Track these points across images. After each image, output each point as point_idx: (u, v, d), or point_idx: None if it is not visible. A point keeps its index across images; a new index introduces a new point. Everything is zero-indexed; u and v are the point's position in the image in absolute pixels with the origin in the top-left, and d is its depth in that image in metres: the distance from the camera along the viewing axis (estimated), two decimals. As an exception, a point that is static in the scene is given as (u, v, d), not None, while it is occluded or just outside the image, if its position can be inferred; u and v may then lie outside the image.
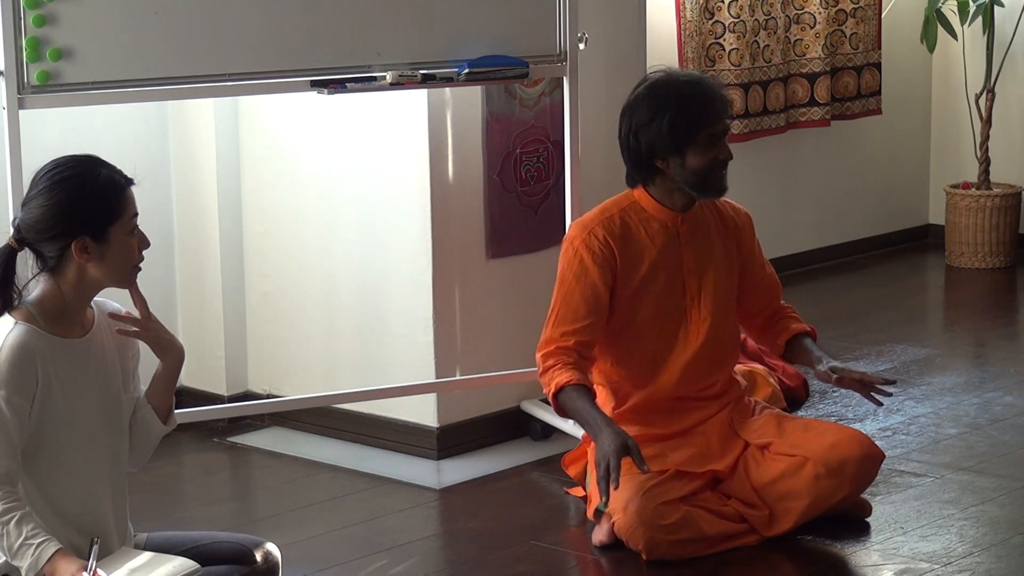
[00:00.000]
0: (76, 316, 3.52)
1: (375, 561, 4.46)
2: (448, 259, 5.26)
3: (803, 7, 7.58)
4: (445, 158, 5.23)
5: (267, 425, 5.61)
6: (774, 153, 7.68)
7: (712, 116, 4.46)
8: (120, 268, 3.49)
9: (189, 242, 5.67)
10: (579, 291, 4.51)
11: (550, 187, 5.45)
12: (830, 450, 4.48)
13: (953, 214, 7.93)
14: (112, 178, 3.49)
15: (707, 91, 4.50)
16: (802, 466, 4.47)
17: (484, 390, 5.36)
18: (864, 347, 6.47)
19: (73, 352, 3.50)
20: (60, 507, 3.49)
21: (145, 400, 3.67)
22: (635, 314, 4.57)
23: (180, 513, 4.91)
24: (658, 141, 4.46)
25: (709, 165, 4.47)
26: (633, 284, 4.55)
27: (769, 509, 4.48)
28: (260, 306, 5.65)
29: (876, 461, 4.57)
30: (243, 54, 4.67)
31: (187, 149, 5.63)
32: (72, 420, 3.49)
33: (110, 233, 3.46)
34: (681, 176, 4.49)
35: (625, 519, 4.37)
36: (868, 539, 4.53)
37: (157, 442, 3.70)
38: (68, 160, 3.52)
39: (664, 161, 4.49)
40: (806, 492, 4.46)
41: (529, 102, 5.38)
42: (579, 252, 4.52)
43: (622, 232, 4.55)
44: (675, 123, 4.43)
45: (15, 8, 4.35)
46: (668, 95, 4.48)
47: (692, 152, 4.46)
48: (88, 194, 3.45)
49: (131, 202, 3.51)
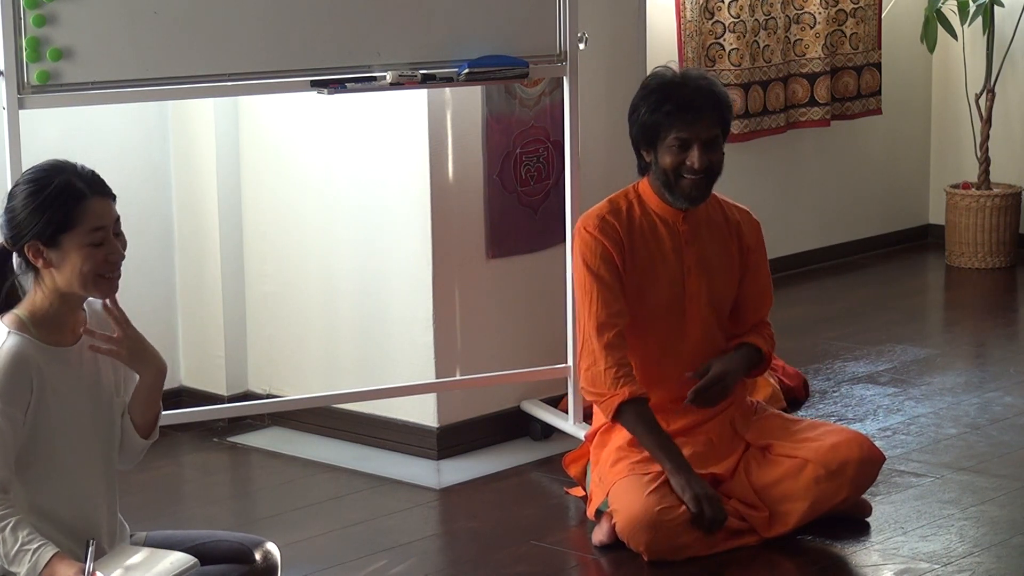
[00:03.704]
0: (66, 323, 3.50)
1: (375, 561, 4.46)
2: (448, 259, 5.26)
3: (803, 7, 7.58)
4: (445, 158, 5.23)
5: (267, 425, 5.61)
6: (774, 153, 7.68)
7: (682, 121, 4.44)
8: (77, 276, 3.43)
9: (189, 242, 5.67)
10: (610, 273, 4.52)
11: (550, 187, 5.45)
12: (830, 452, 4.48)
13: (953, 214, 7.93)
14: (68, 187, 3.42)
15: (689, 95, 4.46)
16: (802, 468, 4.47)
17: (484, 390, 5.36)
18: (864, 347, 6.47)
19: (65, 360, 3.48)
20: (53, 512, 3.47)
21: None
22: (638, 310, 4.57)
23: (180, 513, 4.91)
24: (638, 132, 4.53)
25: (676, 169, 4.48)
26: (636, 274, 4.56)
27: (769, 510, 4.48)
28: (260, 306, 5.65)
29: (876, 463, 4.57)
30: (243, 54, 4.67)
31: (187, 149, 5.63)
32: (65, 427, 3.48)
33: (63, 240, 3.41)
34: (656, 172, 4.53)
35: (627, 520, 4.36)
36: (868, 539, 4.53)
37: (143, 452, 3.67)
38: (39, 166, 3.49)
39: (647, 153, 4.54)
40: (806, 494, 4.46)
41: (529, 102, 5.38)
42: (598, 238, 4.53)
43: (628, 223, 4.57)
44: (649, 116, 4.48)
45: (15, 8, 4.35)
46: (653, 88, 4.52)
47: (661, 150, 4.49)
48: (38, 200, 3.40)
49: (93, 213, 3.43)
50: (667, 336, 4.60)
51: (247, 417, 5.58)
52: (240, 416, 5.54)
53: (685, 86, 4.49)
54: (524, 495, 4.98)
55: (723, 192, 4.72)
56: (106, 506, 3.57)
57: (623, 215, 4.58)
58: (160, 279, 5.65)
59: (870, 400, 5.80)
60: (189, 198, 5.65)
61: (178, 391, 5.73)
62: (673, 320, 4.60)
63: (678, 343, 4.61)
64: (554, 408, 5.45)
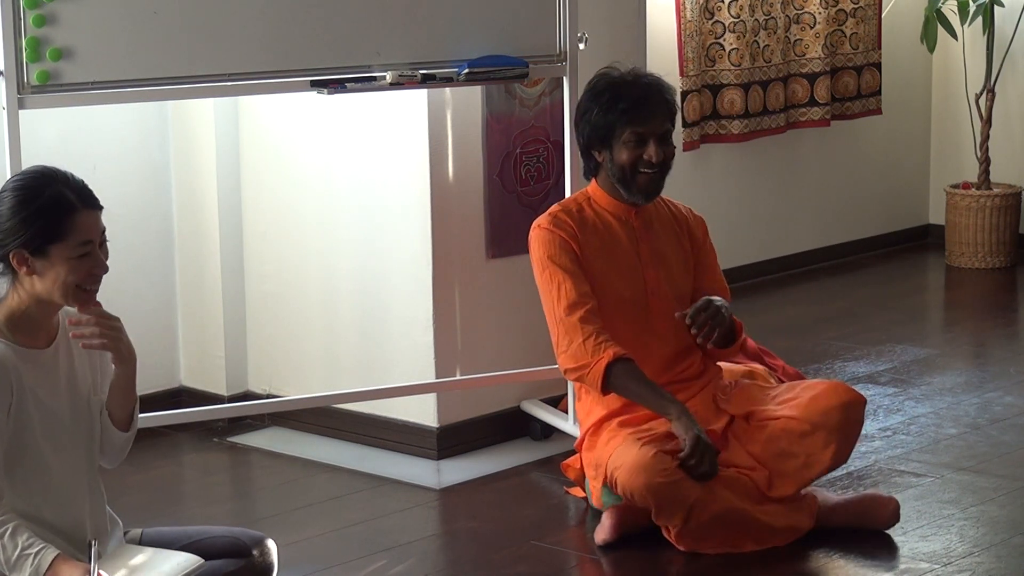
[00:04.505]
0: (41, 326, 3.48)
1: (375, 561, 4.46)
2: (448, 259, 5.26)
3: (803, 7, 7.59)
4: (445, 158, 5.23)
5: (267, 425, 5.61)
6: (774, 153, 7.68)
7: (639, 115, 4.55)
8: (60, 286, 3.41)
9: (189, 242, 5.67)
10: (569, 259, 4.59)
11: (550, 187, 5.45)
12: (811, 404, 4.50)
13: (953, 214, 7.94)
14: (59, 198, 3.39)
15: (642, 90, 4.58)
16: (788, 425, 4.48)
17: (484, 390, 5.36)
18: (864, 347, 6.47)
19: (40, 362, 3.47)
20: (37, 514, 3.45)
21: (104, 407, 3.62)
22: (601, 301, 4.60)
23: (180, 513, 4.91)
24: (590, 132, 4.61)
25: (633, 164, 4.57)
26: (594, 267, 4.62)
27: (768, 470, 4.47)
28: (260, 306, 5.65)
29: (859, 406, 4.56)
30: (243, 54, 4.67)
31: (187, 149, 5.63)
32: (44, 429, 3.46)
33: (50, 251, 3.39)
34: (610, 170, 4.62)
35: (627, 473, 4.37)
36: (868, 539, 4.53)
37: (126, 447, 3.65)
38: (27, 172, 3.46)
39: (599, 153, 4.62)
40: (798, 450, 4.45)
41: (529, 102, 5.38)
42: (553, 232, 4.62)
43: (580, 219, 4.66)
44: (602, 116, 4.56)
45: (15, 8, 4.35)
46: (602, 88, 4.61)
47: (617, 147, 4.58)
48: (27, 210, 3.37)
49: (83, 227, 3.40)
50: (634, 331, 4.63)
51: (247, 417, 5.58)
52: (240, 416, 5.54)
53: (636, 84, 4.60)
54: (524, 495, 4.98)
55: (724, 191, 4.74)
56: (89, 506, 3.55)
57: (575, 213, 4.67)
58: (160, 279, 5.66)
59: (870, 400, 5.78)
60: (189, 198, 5.65)
61: (178, 391, 5.74)
62: (638, 315, 4.65)
63: (648, 338, 4.64)
64: (554, 408, 5.45)
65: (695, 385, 4.68)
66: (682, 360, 4.69)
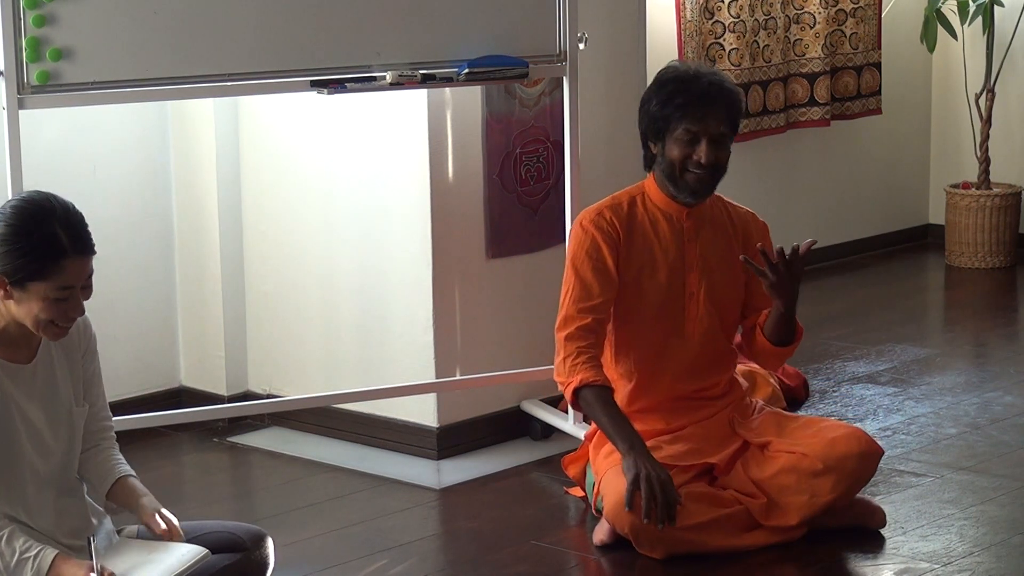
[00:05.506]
0: (22, 342, 3.50)
1: (375, 561, 4.46)
2: (448, 259, 5.26)
3: (803, 7, 7.58)
4: (445, 158, 5.23)
5: (267, 425, 5.61)
6: (774, 153, 7.68)
7: (694, 113, 4.46)
8: (31, 319, 3.42)
9: (189, 242, 5.67)
10: (592, 268, 4.54)
11: (550, 187, 5.45)
12: (829, 447, 4.47)
13: (953, 214, 7.94)
14: (52, 240, 3.37)
15: (702, 90, 4.49)
16: (801, 462, 4.46)
17: (484, 390, 5.36)
18: (864, 347, 6.47)
19: (21, 377, 3.49)
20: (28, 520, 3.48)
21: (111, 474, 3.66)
22: (636, 306, 4.57)
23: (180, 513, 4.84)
24: (648, 123, 4.55)
25: (682, 162, 4.50)
26: (633, 271, 4.56)
27: (768, 498, 4.46)
28: (260, 306, 5.65)
29: (875, 457, 4.56)
30: (243, 54, 4.67)
31: (187, 149, 5.63)
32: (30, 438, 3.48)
33: (30, 287, 3.38)
34: (662, 165, 4.55)
35: (611, 506, 4.37)
36: (868, 539, 4.52)
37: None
38: (30, 200, 3.43)
39: (654, 144, 4.55)
40: (805, 487, 4.44)
41: (529, 102, 5.38)
42: (589, 231, 4.56)
43: (628, 218, 4.59)
44: (660, 108, 4.50)
45: (15, 8, 4.34)
46: (666, 80, 4.54)
47: (670, 142, 4.51)
48: (17, 243, 3.36)
49: (68, 273, 3.38)
50: (666, 334, 4.60)
51: (247, 417, 5.58)
52: (240, 416, 5.54)
53: (698, 81, 4.51)
54: (524, 495, 4.98)
55: (723, 191, 4.71)
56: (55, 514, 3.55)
57: (623, 210, 4.59)
58: (160, 279, 5.65)
59: (870, 400, 5.80)
60: (189, 198, 5.65)
61: (178, 391, 5.74)
62: (672, 318, 4.60)
63: (677, 342, 4.61)
64: (554, 408, 5.45)
65: (715, 405, 4.65)
66: (708, 374, 4.64)
